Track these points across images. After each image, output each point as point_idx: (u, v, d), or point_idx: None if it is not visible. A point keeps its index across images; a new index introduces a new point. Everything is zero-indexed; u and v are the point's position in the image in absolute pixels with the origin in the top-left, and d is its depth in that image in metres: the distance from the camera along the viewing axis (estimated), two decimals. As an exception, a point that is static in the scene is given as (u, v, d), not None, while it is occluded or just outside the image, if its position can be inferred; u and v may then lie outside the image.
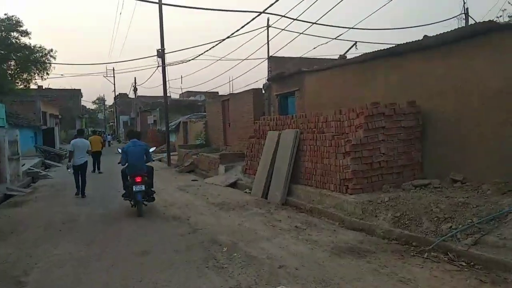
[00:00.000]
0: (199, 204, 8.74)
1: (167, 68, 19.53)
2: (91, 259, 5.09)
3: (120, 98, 62.23)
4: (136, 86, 38.46)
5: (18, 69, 35.70)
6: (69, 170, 10.70)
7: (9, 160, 12.32)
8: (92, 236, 6.26)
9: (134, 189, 7.73)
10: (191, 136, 24.29)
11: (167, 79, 19.56)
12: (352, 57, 11.32)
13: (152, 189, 8.55)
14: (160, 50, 19.32)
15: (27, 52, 31.83)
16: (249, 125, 14.55)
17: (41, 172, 15.74)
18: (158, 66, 19.52)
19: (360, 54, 10.36)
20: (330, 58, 15.66)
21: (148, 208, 8.37)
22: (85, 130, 13.18)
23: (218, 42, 14.43)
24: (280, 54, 14.95)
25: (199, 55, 15.91)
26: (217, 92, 45.69)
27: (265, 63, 16.76)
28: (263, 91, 14.27)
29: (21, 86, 37.30)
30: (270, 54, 14.16)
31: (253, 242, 5.58)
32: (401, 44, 8.54)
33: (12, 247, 5.77)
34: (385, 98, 8.18)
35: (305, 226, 6.43)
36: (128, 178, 8.11)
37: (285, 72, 12.60)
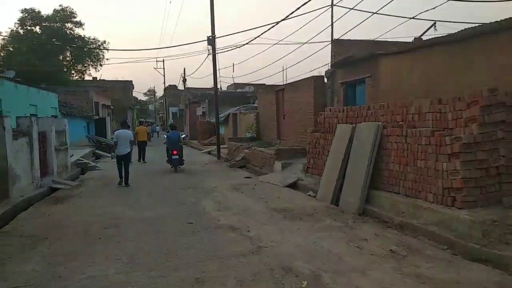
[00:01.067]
0: (258, 209, 7.40)
1: (217, 56, 18.41)
2: (131, 288, 3.90)
3: (170, 90, 62.81)
4: (185, 77, 38.04)
5: (73, 61, 36.63)
6: (113, 160, 11.47)
7: (56, 150, 11.76)
8: (134, 249, 5.12)
9: (172, 157, 13.52)
10: (240, 128, 23.16)
11: (217, 68, 18.47)
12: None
13: (183, 158, 14.05)
14: (210, 37, 18.24)
15: (80, 43, 32.37)
16: (308, 117, 13.03)
17: (90, 163, 15.29)
18: (208, 54, 18.45)
19: (441, 35, 8.53)
20: (403, 42, 13.67)
21: (200, 213, 7.18)
22: (128, 121, 13.40)
23: (274, 24, 12.98)
24: (344, 37, 13.16)
25: (254, 38, 14.56)
26: (264, 84, 44.23)
27: (326, 50, 15.06)
28: (326, 79, 12.64)
29: (76, 77, 38.35)
30: (334, 37, 12.44)
31: (341, 275, 4.12)
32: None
33: (41, 260, 4.76)
34: (490, 85, 6.32)
35: (404, 251, 4.86)
36: (169, 151, 13.79)
37: (354, 56, 10.88)
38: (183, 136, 15.87)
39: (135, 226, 6.33)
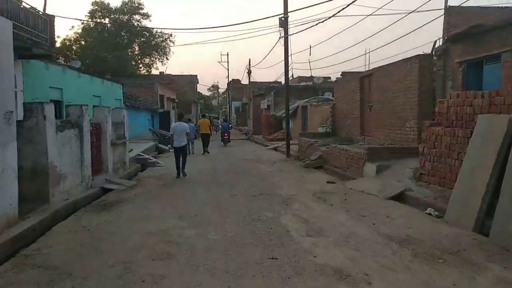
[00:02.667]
0: (367, 236, 5.12)
1: (289, 39, 16.19)
2: None
3: (233, 84, 62.12)
4: (250, 69, 36.43)
5: (140, 54, 36.75)
6: (170, 151, 12.07)
7: (113, 145, 10.43)
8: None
9: (224, 137, 22.52)
10: (311, 122, 20.81)
11: (289, 53, 16.28)
12: None
13: (230, 139, 23.28)
14: (282, 18, 16.11)
15: (147, 34, 32.14)
16: (409, 107, 10.36)
17: (150, 159, 13.99)
18: (280, 38, 16.34)
19: None
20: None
21: (284, 239, 5.06)
22: (184, 115, 13.40)
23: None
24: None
25: (338, 12, 11.98)
26: (329, 78, 40.90)
27: (422, 29, 12.27)
28: (434, 58, 9.89)
29: (143, 71, 38.54)
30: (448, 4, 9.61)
31: None
32: None
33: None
34: None
35: None
36: (222, 134, 22.90)
37: (484, 24, 8.05)
38: (230, 125, 27.27)
39: (196, 258, 4.40)
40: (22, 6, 10.25)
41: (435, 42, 11.18)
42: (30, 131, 6.58)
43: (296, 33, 32.11)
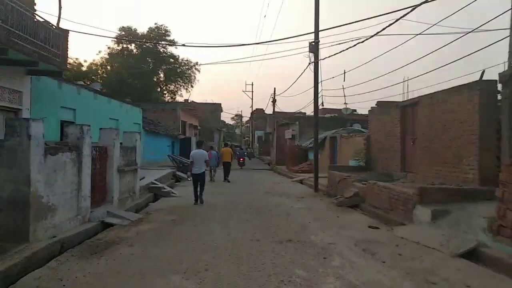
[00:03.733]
0: (451, 323, 3.49)
1: (319, 64, 14.97)
2: None
3: (257, 113, 61.46)
4: (275, 97, 35.44)
5: (165, 81, 36.54)
6: (189, 179, 11.57)
7: (121, 172, 9.22)
8: None
9: (239, 161, 28.77)
10: (341, 155, 19.18)
11: (319, 80, 15.02)
12: None
13: (244, 163, 29.82)
14: (313, 43, 14.99)
15: (172, 60, 31.84)
16: (466, 141, 8.73)
17: (164, 188, 12.72)
18: (310, 63, 15.14)
19: None
20: None
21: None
22: (204, 142, 13.83)
23: (413, 7, 9.06)
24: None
25: (381, 31, 10.61)
26: (355, 110, 39.22)
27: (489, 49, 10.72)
28: (499, 85, 8.32)
29: (168, 98, 38.21)
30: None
31: None
32: None
33: None
34: None
35: None
36: (239, 159, 28.88)
37: None
38: (244, 152, 33.06)
39: None
40: (35, 20, 9.45)
41: (483, 72, 9.74)
42: (11, 152, 5.42)
43: (328, 57, 30.63)
